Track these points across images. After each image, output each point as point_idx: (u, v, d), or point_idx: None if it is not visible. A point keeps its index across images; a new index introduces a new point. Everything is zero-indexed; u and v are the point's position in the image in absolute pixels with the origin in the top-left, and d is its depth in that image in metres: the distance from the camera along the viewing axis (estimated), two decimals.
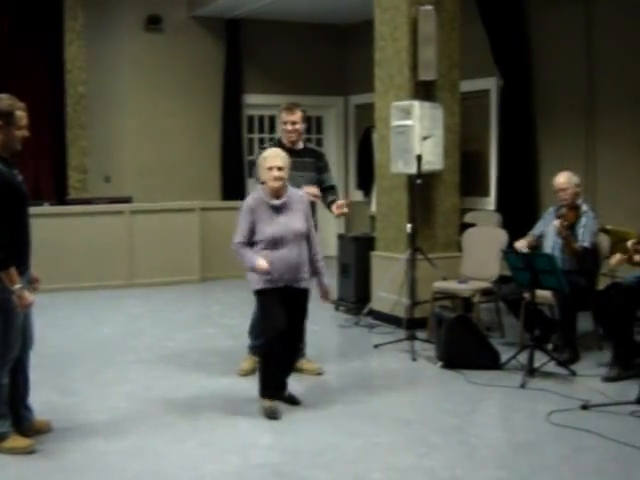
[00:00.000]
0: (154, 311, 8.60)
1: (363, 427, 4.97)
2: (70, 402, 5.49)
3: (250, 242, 5.22)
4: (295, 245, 5.20)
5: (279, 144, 5.96)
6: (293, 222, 5.20)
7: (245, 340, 6.34)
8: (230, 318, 8.21)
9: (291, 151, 5.65)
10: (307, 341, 6.23)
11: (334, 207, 5.98)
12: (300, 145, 6.10)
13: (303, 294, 5.32)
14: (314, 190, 5.95)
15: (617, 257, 5.80)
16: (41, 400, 5.23)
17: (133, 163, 11.52)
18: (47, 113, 10.85)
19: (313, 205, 5.98)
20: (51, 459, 4.48)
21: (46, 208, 9.60)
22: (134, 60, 11.52)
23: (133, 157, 11.52)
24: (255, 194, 5.29)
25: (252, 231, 5.19)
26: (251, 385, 5.72)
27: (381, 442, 4.73)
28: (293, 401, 5.42)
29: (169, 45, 11.70)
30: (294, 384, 5.57)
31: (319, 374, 6.14)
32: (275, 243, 5.14)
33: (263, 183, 5.25)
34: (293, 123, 5.97)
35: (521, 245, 6.58)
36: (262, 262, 5.06)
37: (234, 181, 12.08)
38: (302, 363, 6.13)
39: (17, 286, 4.36)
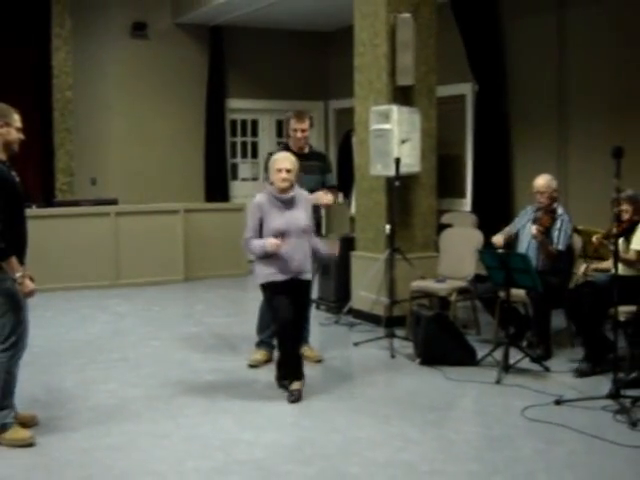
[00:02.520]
0: (139, 310, 8.63)
1: (343, 422, 5.02)
2: (56, 399, 5.51)
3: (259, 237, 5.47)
4: (299, 239, 5.46)
5: (286, 148, 6.17)
6: (298, 217, 5.48)
7: (229, 338, 6.40)
8: (213, 317, 8.26)
9: (299, 155, 5.84)
10: None
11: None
12: (306, 149, 6.30)
13: (306, 285, 5.62)
14: (328, 198, 6.14)
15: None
16: (27, 397, 5.28)
17: (119, 166, 11.55)
18: (34, 117, 10.85)
19: (317, 207, 6.21)
20: (37, 455, 4.50)
21: (33, 210, 9.55)
22: (120, 66, 11.55)
23: (119, 160, 11.56)
24: (264, 192, 5.53)
25: (260, 226, 5.44)
26: (233, 383, 5.84)
27: (360, 437, 4.78)
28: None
29: (154, 51, 11.74)
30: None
31: (319, 361, 6.35)
32: (281, 235, 5.37)
33: (272, 183, 5.51)
34: (303, 130, 6.18)
35: (497, 240, 6.68)
36: (271, 240, 5.31)
37: (217, 183, 12.14)
38: (304, 350, 6.26)
39: (18, 274, 4.44)
